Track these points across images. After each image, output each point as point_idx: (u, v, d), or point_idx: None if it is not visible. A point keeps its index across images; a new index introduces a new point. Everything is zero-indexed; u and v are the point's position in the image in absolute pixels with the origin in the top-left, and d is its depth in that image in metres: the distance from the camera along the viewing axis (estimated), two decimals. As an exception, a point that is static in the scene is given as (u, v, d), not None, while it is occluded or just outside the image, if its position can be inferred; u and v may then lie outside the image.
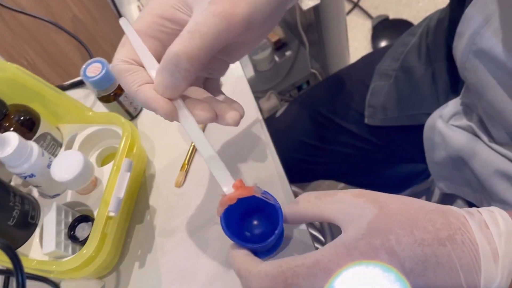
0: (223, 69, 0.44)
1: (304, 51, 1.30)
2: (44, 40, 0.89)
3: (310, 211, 0.35)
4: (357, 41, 1.83)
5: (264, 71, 1.33)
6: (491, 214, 0.31)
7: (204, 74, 0.43)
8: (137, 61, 0.38)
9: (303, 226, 0.47)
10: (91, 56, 0.67)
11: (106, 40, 1.01)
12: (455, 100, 0.59)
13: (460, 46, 0.49)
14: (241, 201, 0.39)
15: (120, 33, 0.39)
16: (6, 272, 0.53)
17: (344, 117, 0.80)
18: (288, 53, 1.32)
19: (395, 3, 1.88)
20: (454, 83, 0.67)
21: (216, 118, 0.39)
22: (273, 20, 0.38)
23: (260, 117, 0.58)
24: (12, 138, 0.45)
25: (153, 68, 0.37)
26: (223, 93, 0.43)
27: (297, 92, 1.32)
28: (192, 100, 0.39)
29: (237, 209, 0.41)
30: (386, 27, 1.79)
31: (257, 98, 0.97)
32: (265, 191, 0.40)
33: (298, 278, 0.30)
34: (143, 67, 0.38)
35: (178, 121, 0.38)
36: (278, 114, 0.91)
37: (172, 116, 0.37)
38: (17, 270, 0.34)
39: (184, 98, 0.39)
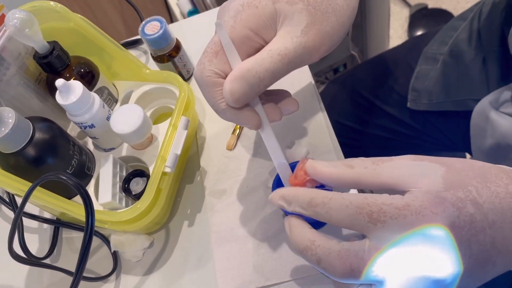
0: None
1: (343, 33, 1.28)
2: (91, 3, 0.90)
3: (366, 178, 0.32)
4: (392, 29, 1.79)
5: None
6: None
7: None
8: (227, 75, 0.37)
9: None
10: (141, 19, 0.67)
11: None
12: (507, 86, 0.58)
13: None
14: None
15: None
16: (56, 223, 0.54)
17: (385, 100, 0.79)
18: (326, 34, 1.30)
19: (435, -9, 1.83)
20: (506, 70, 0.65)
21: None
22: None
23: (313, 83, 0.58)
24: (77, 86, 0.46)
25: None
26: None
27: (333, 75, 1.30)
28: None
29: None
30: (424, 16, 1.75)
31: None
32: None
33: (385, 216, 0.29)
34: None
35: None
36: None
37: (259, 127, 0.39)
38: (88, 208, 0.35)
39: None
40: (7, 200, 0.54)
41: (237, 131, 0.56)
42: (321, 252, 0.31)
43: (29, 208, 0.55)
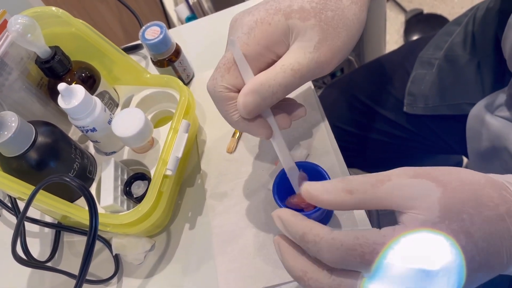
0: None
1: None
2: (90, 9, 0.90)
3: (366, 204, 0.32)
4: (389, 34, 1.81)
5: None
6: None
7: None
8: (239, 89, 0.39)
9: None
10: (141, 25, 0.67)
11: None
12: (502, 90, 0.59)
13: (510, 38, 0.48)
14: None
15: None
16: (57, 226, 0.54)
17: (382, 104, 0.79)
18: (323, 39, 1.31)
19: (430, -3, 1.85)
20: (501, 74, 0.66)
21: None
22: None
23: (312, 87, 0.59)
24: (79, 90, 0.46)
25: None
26: None
27: (331, 79, 1.31)
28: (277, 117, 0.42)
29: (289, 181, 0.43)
30: (419, 22, 1.77)
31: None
32: (320, 167, 0.43)
33: (378, 257, 0.28)
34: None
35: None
36: (313, 97, 0.91)
37: (270, 137, 0.41)
38: (92, 209, 0.35)
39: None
40: (9, 205, 0.54)
41: (237, 134, 0.56)
42: (313, 284, 0.31)
43: (31, 212, 0.55)
